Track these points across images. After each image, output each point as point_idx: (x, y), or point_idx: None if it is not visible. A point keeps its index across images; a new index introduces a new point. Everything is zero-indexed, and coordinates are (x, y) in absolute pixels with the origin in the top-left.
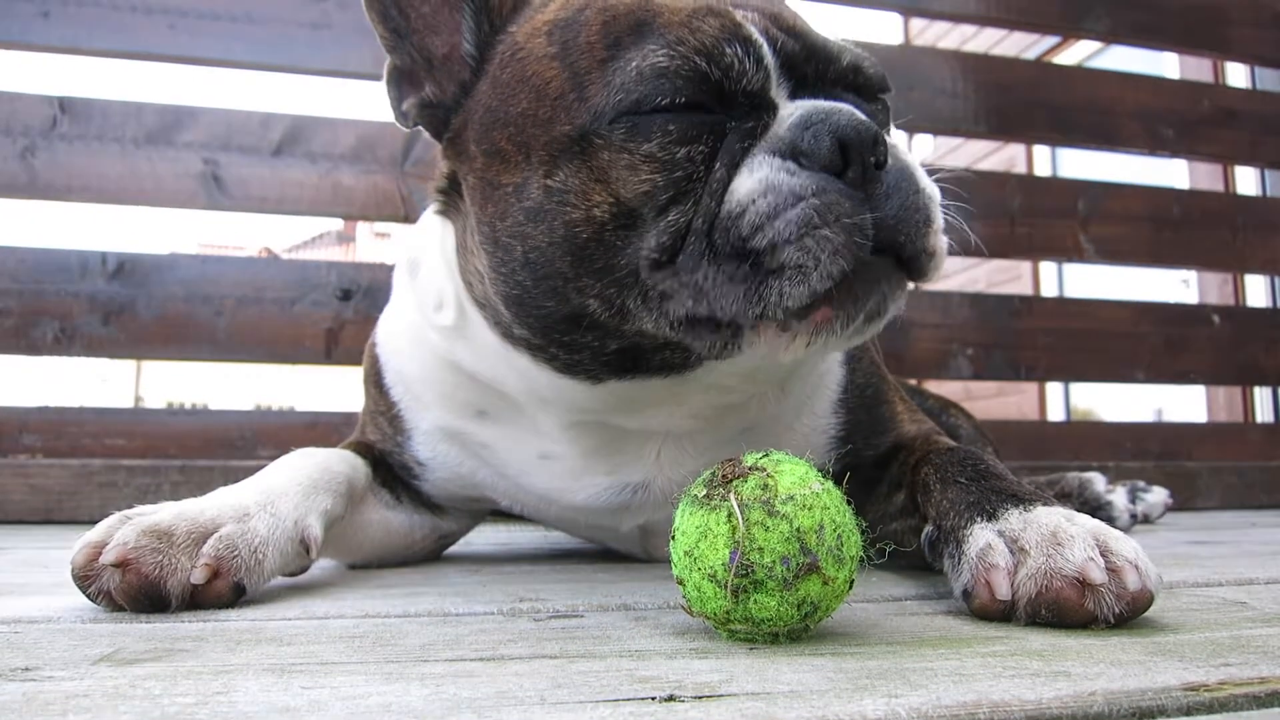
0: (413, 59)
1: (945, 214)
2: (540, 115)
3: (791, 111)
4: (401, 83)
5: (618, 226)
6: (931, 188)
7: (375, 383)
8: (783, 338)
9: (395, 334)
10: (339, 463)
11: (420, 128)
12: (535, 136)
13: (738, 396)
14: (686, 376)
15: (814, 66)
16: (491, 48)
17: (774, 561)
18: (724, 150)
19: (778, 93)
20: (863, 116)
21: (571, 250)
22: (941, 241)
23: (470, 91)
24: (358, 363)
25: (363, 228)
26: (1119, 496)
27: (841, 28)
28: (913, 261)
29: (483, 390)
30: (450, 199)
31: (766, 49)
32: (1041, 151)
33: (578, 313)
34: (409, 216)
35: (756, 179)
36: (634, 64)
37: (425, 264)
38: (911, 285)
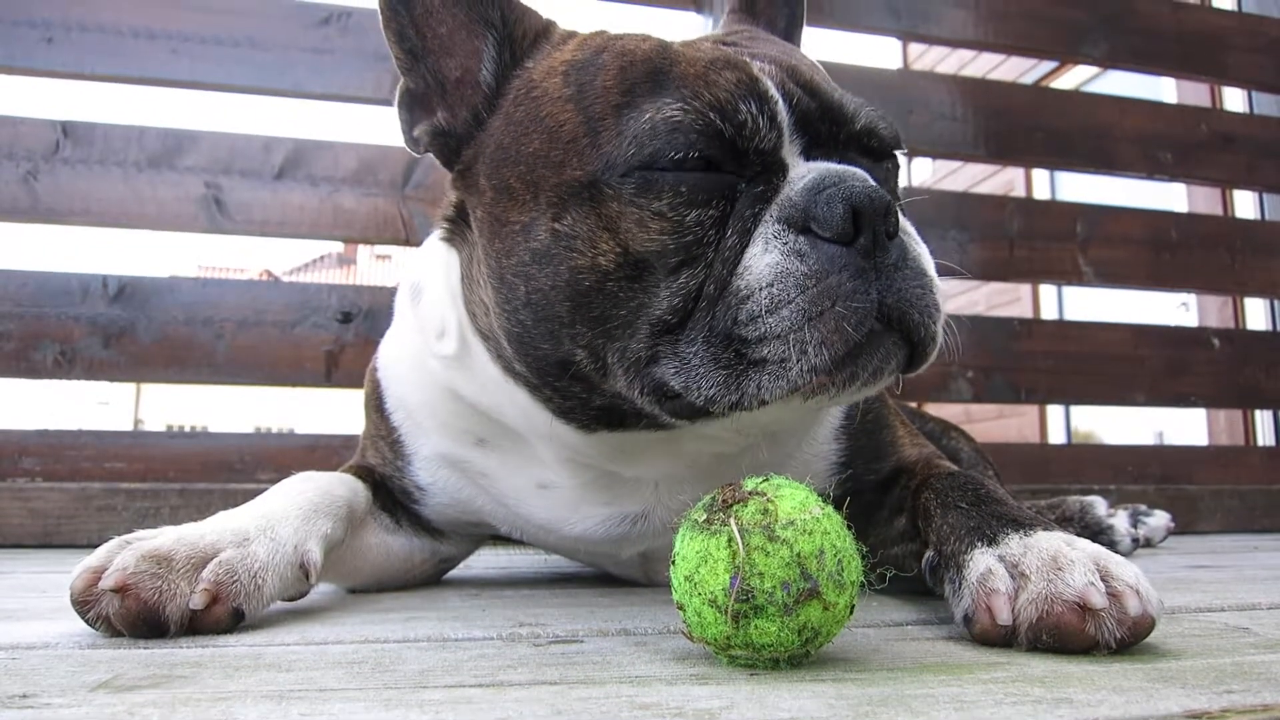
0: (426, 82)
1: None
2: (552, 158)
3: (804, 174)
4: (414, 106)
5: (623, 278)
6: (935, 275)
7: (376, 407)
8: (780, 404)
9: (396, 359)
10: (339, 487)
11: (429, 154)
12: (545, 178)
13: (729, 448)
14: (679, 432)
15: (828, 126)
16: (508, 81)
17: (774, 587)
18: (735, 215)
19: (790, 151)
20: (874, 183)
21: (572, 296)
22: (940, 330)
23: (483, 123)
24: (358, 385)
25: (363, 250)
26: (1120, 520)
27: (841, 52)
28: (916, 342)
29: (482, 419)
30: (457, 228)
31: (781, 105)
32: (1040, 175)
33: (567, 359)
34: (410, 239)
35: (769, 261)
36: (648, 115)
37: (428, 291)
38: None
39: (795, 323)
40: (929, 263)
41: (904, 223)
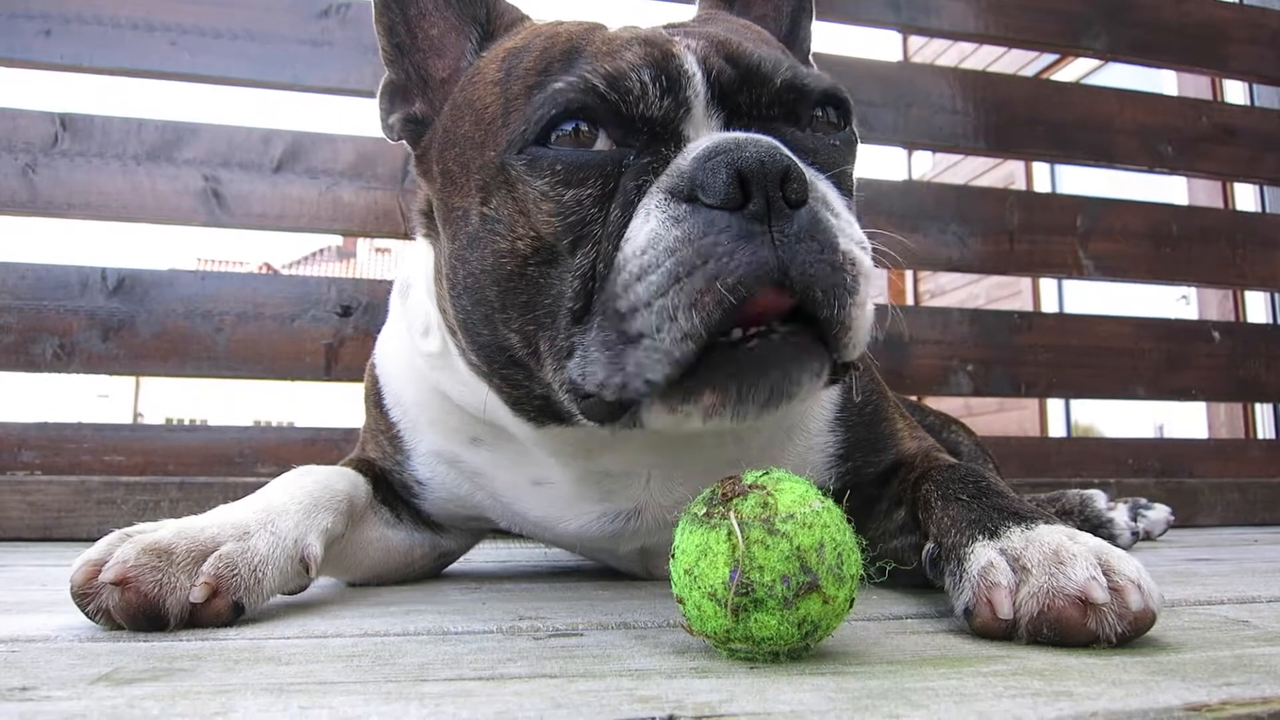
0: (409, 75)
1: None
2: (476, 139)
3: (700, 144)
4: (394, 97)
5: (539, 262)
6: (862, 254)
7: (375, 403)
8: (675, 416)
9: (390, 356)
10: (340, 480)
11: (402, 140)
12: (472, 160)
13: (682, 444)
14: (623, 432)
15: (748, 94)
16: (476, 63)
17: (774, 580)
18: (620, 189)
19: (703, 124)
20: (778, 148)
21: (498, 280)
22: (864, 319)
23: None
24: (357, 379)
25: (363, 243)
26: (1120, 514)
27: (842, 45)
28: (828, 328)
29: (472, 418)
30: (431, 222)
31: (696, 78)
32: (1041, 168)
33: (504, 345)
34: (409, 232)
35: (647, 230)
36: (545, 91)
37: (414, 288)
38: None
39: (662, 286)
40: (851, 240)
41: (825, 193)
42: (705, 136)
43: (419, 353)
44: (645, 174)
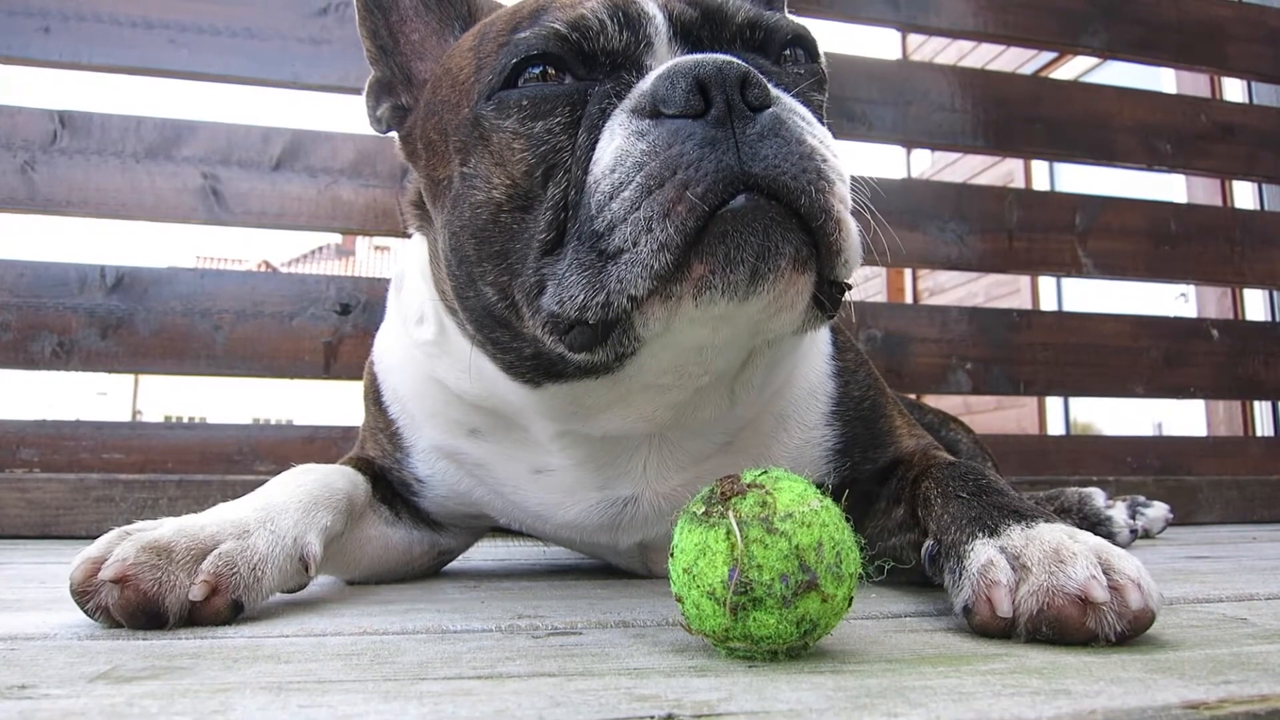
0: (393, 73)
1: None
2: (452, 100)
3: (662, 67)
4: (381, 93)
5: (513, 208)
6: (833, 157)
7: (374, 400)
8: (669, 304)
9: (388, 351)
10: (339, 479)
11: (391, 131)
12: (450, 122)
13: (680, 394)
14: (618, 376)
15: (708, 29)
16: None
17: (773, 579)
18: (585, 115)
19: (667, 57)
20: (736, 60)
21: (475, 233)
22: (846, 213)
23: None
24: (356, 377)
25: (362, 242)
26: (1119, 512)
27: (840, 43)
28: (810, 219)
29: (470, 409)
30: (423, 212)
31: (658, 17)
32: (1039, 166)
33: (487, 305)
34: (405, 230)
35: (613, 148)
36: (510, 43)
37: (408, 279)
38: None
39: (635, 200)
40: (818, 139)
41: (791, 103)
42: (666, 62)
43: (415, 342)
44: (609, 98)
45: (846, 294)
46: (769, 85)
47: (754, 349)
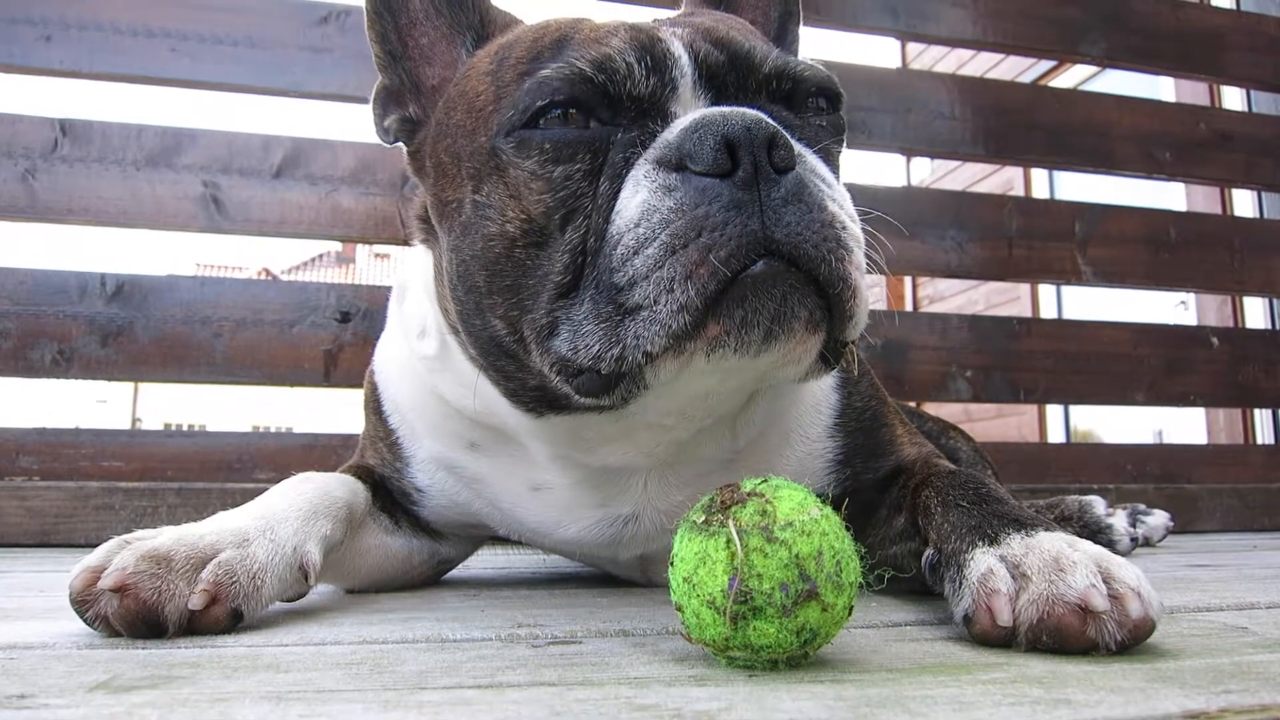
0: (401, 81)
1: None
2: (468, 127)
3: (688, 117)
4: (388, 102)
5: (528, 244)
6: (851, 222)
7: (375, 409)
8: (681, 358)
9: (388, 362)
10: (339, 487)
11: (399, 142)
12: (464, 148)
13: (682, 433)
14: (621, 413)
15: (735, 75)
16: (470, 60)
17: (773, 588)
18: (608, 164)
19: (695, 102)
20: (764, 118)
21: (486, 264)
22: (862, 279)
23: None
24: (356, 385)
25: (362, 249)
26: (1119, 520)
27: (839, 51)
28: (828, 286)
29: (470, 423)
30: (429, 226)
31: (683, 59)
32: (1039, 174)
33: (494, 335)
34: (407, 239)
35: (638, 201)
36: (534, 78)
37: (411, 291)
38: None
39: (659, 259)
40: (838, 204)
41: (813, 163)
42: (692, 111)
43: (416, 356)
44: (633, 147)
45: (851, 345)
46: (794, 145)
47: (757, 390)
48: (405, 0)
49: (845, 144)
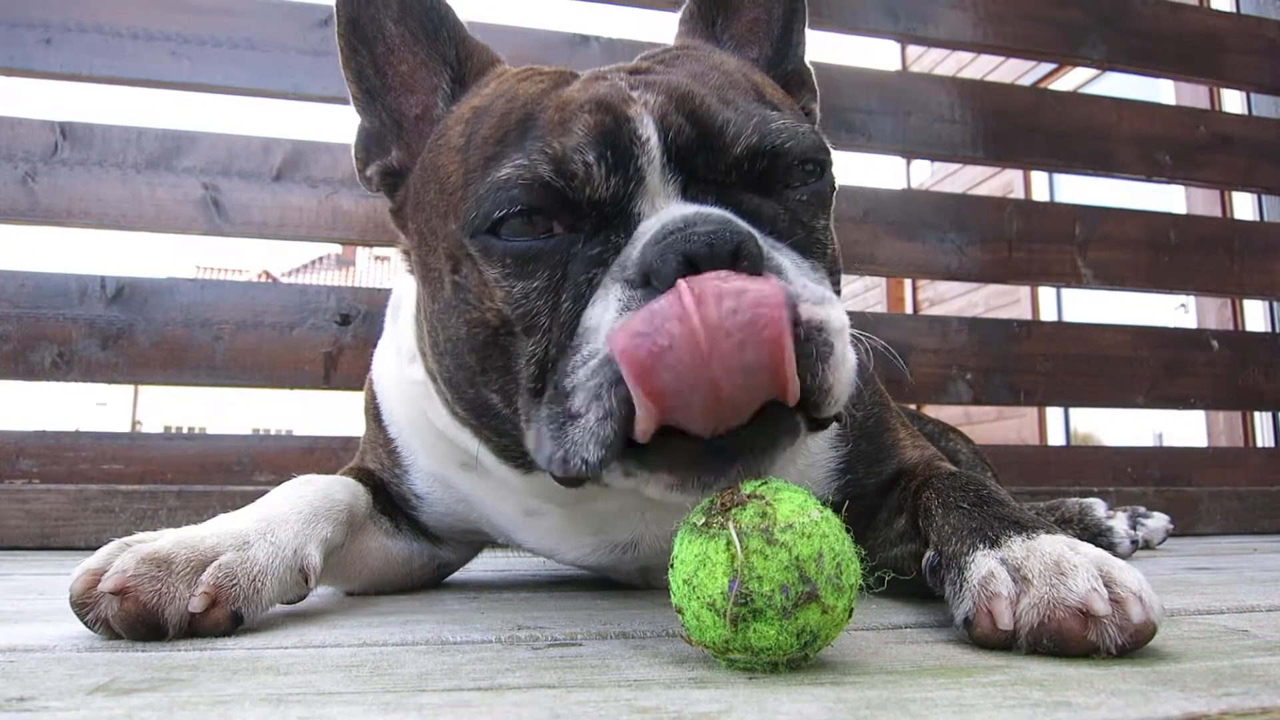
0: (383, 121)
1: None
2: (440, 208)
3: (651, 227)
4: (370, 145)
5: (509, 333)
6: (829, 316)
7: (374, 417)
8: (631, 481)
9: (384, 376)
10: (340, 490)
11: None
12: (439, 228)
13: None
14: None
15: (705, 157)
16: (445, 120)
17: (773, 590)
18: (569, 280)
19: (663, 190)
20: (730, 224)
21: (474, 348)
22: (842, 376)
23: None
24: (356, 387)
25: (362, 252)
26: (1120, 522)
27: (839, 54)
28: (804, 399)
29: (461, 447)
30: (413, 261)
31: (652, 142)
32: (1039, 177)
33: (489, 403)
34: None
35: (608, 320)
36: (496, 171)
37: (404, 310)
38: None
39: (597, 368)
40: (813, 303)
41: (779, 263)
42: (655, 216)
43: (408, 379)
44: (594, 265)
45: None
46: (763, 251)
47: None
48: (381, 28)
49: (834, 205)
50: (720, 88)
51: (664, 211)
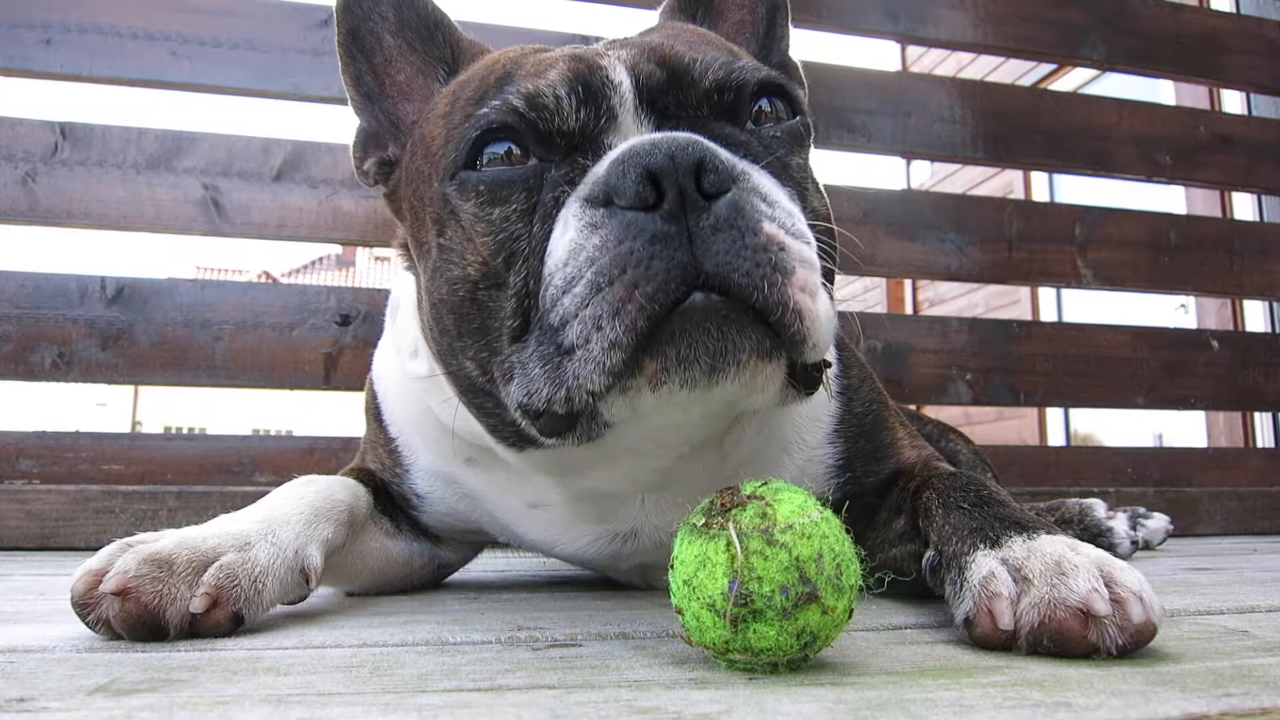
0: (379, 122)
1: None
2: (425, 172)
3: (617, 149)
4: (368, 144)
5: (487, 286)
6: (794, 240)
7: (375, 417)
8: (628, 396)
9: (385, 375)
10: (341, 490)
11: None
12: (425, 193)
13: (663, 460)
14: (598, 443)
15: (675, 95)
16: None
17: (773, 591)
18: (540, 203)
19: (636, 129)
20: (695, 142)
21: (454, 308)
22: (808, 299)
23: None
24: (356, 388)
25: (362, 252)
26: (1120, 523)
27: (839, 54)
28: (767, 313)
29: (465, 441)
30: (410, 255)
31: (624, 84)
32: (1039, 177)
33: (468, 375)
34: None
35: (566, 241)
36: (474, 116)
37: (403, 308)
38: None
39: (585, 297)
40: (778, 223)
41: (756, 182)
42: (626, 143)
43: (409, 375)
44: (562, 185)
45: (824, 368)
46: (728, 166)
47: (740, 414)
48: (379, 39)
49: (810, 146)
50: (692, 43)
51: (634, 138)
